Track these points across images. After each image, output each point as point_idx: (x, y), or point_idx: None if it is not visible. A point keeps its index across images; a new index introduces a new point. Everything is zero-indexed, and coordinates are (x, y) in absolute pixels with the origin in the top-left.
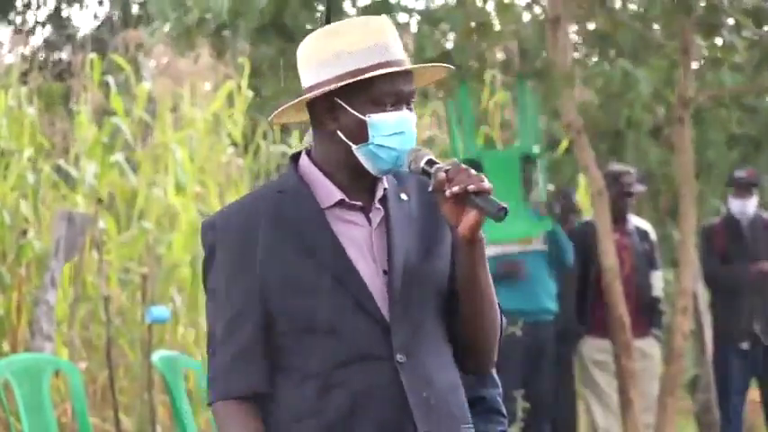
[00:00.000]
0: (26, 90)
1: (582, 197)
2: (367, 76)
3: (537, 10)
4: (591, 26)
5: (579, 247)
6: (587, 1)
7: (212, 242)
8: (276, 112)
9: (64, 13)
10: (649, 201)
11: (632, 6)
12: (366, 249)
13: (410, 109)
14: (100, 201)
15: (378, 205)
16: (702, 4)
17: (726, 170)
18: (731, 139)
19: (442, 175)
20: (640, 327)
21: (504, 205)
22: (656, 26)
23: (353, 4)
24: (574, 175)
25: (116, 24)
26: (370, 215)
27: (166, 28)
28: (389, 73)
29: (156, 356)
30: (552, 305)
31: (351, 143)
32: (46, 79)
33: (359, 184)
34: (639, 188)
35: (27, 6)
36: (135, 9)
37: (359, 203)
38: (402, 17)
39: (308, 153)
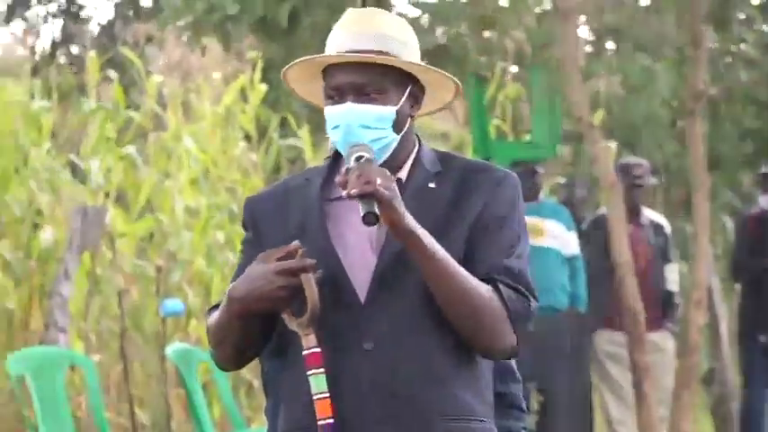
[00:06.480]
0: (39, 84)
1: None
2: (290, 65)
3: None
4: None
5: (593, 239)
6: None
7: (243, 221)
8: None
9: (75, 7)
10: (662, 194)
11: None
12: (366, 237)
13: (360, 101)
14: (107, 195)
15: None
16: None
17: (738, 164)
18: (744, 133)
19: (339, 179)
20: (654, 320)
21: (371, 212)
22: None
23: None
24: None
25: (127, 17)
26: None
27: (177, 21)
28: (338, 64)
29: (171, 349)
30: (556, 301)
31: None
32: (58, 73)
33: None
34: (651, 180)
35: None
36: (146, 2)
37: None
38: (413, 12)
39: None
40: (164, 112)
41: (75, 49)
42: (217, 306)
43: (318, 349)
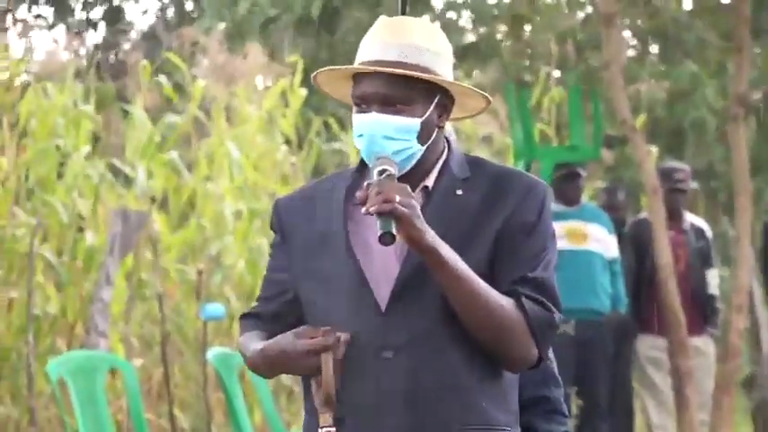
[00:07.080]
0: (82, 88)
1: None
2: (318, 71)
3: (589, 8)
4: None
5: (634, 243)
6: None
7: (271, 223)
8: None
9: (117, 12)
10: (706, 198)
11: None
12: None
13: (385, 112)
14: (152, 200)
15: (417, 200)
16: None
17: None
18: None
19: (359, 194)
20: (696, 324)
21: (387, 231)
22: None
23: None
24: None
25: (170, 21)
26: None
27: (220, 26)
28: (366, 73)
29: (211, 354)
30: (600, 305)
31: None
32: (101, 78)
33: (404, 179)
34: (692, 185)
35: (84, 5)
36: (189, 6)
37: None
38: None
39: None
40: (206, 116)
41: (119, 54)
42: (248, 315)
43: (333, 430)
